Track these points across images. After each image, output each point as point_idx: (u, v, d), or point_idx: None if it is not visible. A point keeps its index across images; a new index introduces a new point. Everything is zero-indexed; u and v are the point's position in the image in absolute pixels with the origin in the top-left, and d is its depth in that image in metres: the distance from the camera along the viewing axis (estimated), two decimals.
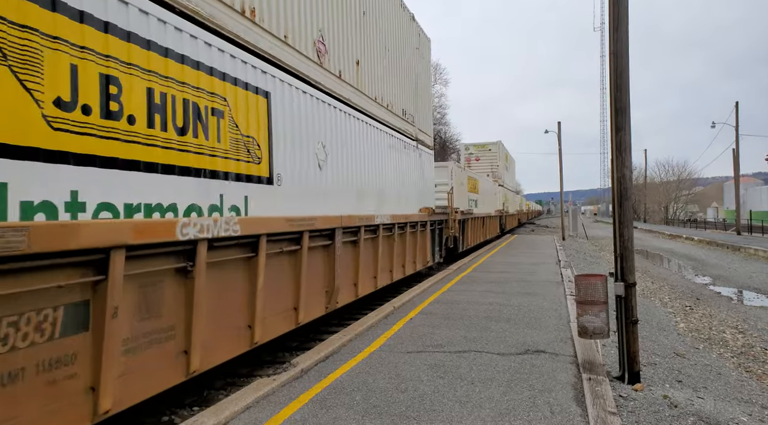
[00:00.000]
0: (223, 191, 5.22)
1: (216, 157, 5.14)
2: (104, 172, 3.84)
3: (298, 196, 6.77)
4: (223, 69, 5.31)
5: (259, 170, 5.90)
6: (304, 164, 7.02)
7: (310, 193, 7.13)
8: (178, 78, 4.67)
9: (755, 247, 25.38)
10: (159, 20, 4.45)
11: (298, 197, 6.79)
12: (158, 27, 4.44)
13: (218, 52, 5.25)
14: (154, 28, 4.38)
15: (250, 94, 5.77)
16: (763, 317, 11.43)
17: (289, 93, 6.68)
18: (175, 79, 4.63)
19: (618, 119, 5.62)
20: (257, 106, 5.91)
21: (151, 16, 4.36)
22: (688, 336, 9.35)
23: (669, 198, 71.57)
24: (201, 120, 4.94)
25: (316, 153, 7.38)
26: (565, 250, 22.42)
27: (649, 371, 6.19)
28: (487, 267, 15.28)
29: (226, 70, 5.37)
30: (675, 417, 4.54)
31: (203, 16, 5.04)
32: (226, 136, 5.32)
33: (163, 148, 4.45)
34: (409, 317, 8.16)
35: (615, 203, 5.73)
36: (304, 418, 4.30)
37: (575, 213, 40.69)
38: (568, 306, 8.90)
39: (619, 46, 5.61)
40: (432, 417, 4.28)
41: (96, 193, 3.78)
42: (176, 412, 5.25)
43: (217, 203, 5.13)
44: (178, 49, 4.66)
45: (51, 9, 3.50)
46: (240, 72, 5.61)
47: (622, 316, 5.54)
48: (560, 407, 4.45)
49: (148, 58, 4.32)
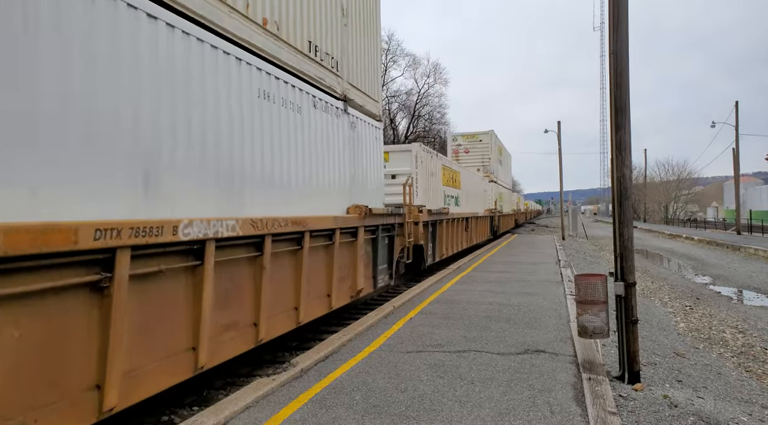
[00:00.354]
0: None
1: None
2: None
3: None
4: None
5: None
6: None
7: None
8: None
9: (755, 247, 25.37)
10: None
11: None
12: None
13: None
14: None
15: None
16: (763, 317, 11.43)
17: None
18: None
19: (618, 118, 5.62)
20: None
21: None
22: (688, 335, 9.35)
23: (669, 198, 71.56)
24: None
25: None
26: (564, 250, 22.42)
27: (649, 371, 6.18)
28: (487, 267, 15.28)
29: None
30: (675, 417, 4.54)
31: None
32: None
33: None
34: (408, 317, 8.16)
35: (615, 203, 5.73)
36: (304, 418, 4.30)
37: (575, 213, 40.70)
38: (567, 306, 8.90)
39: (619, 46, 5.61)
40: (432, 417, 4.27)
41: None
42: (176, 412, 5.25)
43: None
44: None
45: None
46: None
47: (622, 316, 5.53)
48: (560, 407, 4.45)
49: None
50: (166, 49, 4.49)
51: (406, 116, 53.88)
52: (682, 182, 72.94)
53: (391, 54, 50.58)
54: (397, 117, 54.03)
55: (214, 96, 5.15)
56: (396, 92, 52.42)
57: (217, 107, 5.17)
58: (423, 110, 54.10)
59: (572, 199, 60.99)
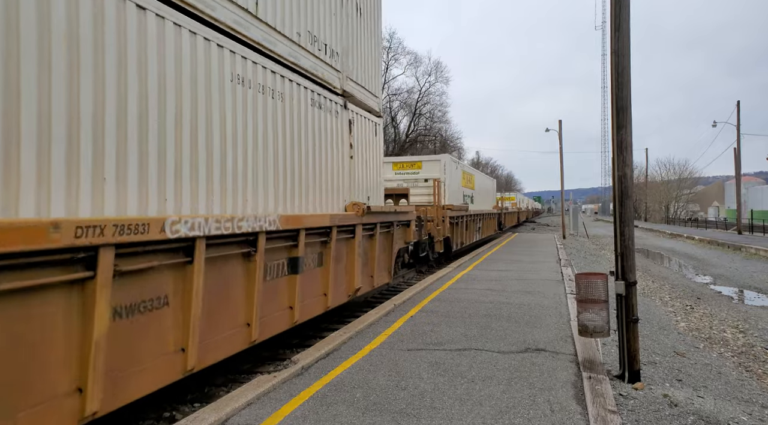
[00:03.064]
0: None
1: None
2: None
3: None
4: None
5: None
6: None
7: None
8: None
9: (756, 246, 25.35)
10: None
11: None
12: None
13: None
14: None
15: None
16: (763, 317, 11.42)
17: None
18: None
19: (619, 118, 5.62)
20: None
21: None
22: (689, 335, 9.35)
23: (670, 197, 71.48)
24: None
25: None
26: (565, 248, 22.42)
27: (649, 370, 6.19)
28: (488, 265, 15.28)
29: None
30: (675, 416, 4.54)
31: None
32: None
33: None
34: (409, 315, 8.17)
35: (616, 202, 5.73)
36: (305, 415, 4.31)
37: (576, 212, 40.65)
38: (568, 305, 8.91)
39: (620, 45, 5.60)
40: (432, 415, 4.29)
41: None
42: (177, 408, 5.27)
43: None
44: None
45: None
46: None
47: (623, 315, 5.54)
48: (560, 405, 4.46)
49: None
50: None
51: (408, 115, 53.85)
52: (684, 182, 72.86)
53: (392, 52, 50.53)
54: (398, 115, 54.00)
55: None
56: (397, 90, 52.41)
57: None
58: (424, 108, 54.08)
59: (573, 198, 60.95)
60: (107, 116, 3.88)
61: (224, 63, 5.28)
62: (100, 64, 3.85)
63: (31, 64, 3.31)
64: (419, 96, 52.93)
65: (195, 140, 4.84)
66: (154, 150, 4.34)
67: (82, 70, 3.71)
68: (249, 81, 5.73)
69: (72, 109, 3.60)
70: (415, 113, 53.20)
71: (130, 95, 4.10)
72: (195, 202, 4.81)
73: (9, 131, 3.18)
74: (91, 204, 3.73)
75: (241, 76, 5.57)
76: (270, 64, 6.15)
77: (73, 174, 3.60)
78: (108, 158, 3.87)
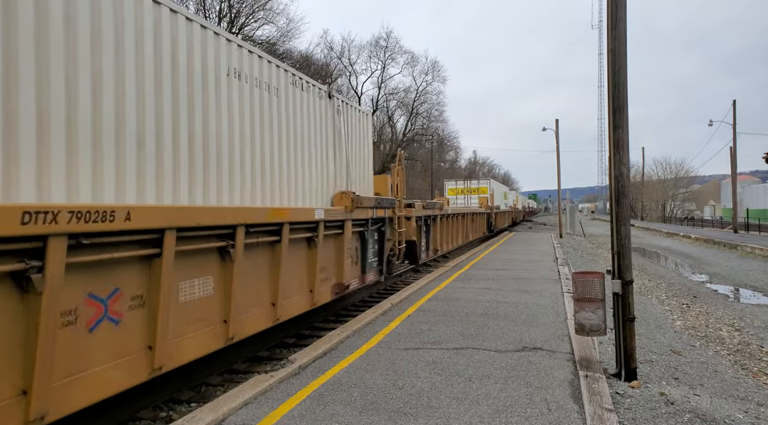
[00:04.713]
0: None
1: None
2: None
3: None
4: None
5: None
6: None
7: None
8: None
9: (752, 245, 25.44)
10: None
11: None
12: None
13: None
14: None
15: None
16: (759, 315, 11.47)
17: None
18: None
19: (616, 117, 5.62)
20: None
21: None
22: (685, 333, 9.38)
23: (666, 196, 71.72)
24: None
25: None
26: (562, 247, 22.46)
27: (645, 368, 6.21)
28: (485, 264, 15.30)
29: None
30: (671, 414, 4.56)
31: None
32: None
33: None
34: (406, 314, 8.17)
35: (612, 201, 5.74)
36: (302, 414, 4.31)
37: (573, 211, 40.71)
38: (565, 304, 8.93)
39: (616, 44, 5.61)
40: (429, 414, 4.29)
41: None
42: (174, 408, 5.26)
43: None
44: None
45: None
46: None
47: (619, 313, 5.55)
48: (557, 404, 4.47)
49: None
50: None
51: (404, 114, 53.84)
52: (680, 181, 73.12)
53: (389, 51, 50.49)
54: (395, 115, 53.96)
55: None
56: (394, 90, 52.38)
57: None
58: (421, 107, 54.09)
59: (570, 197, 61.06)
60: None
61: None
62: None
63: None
64: (416, 95, 52.96)
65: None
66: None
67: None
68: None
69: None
70: (412, 112, 53.20)
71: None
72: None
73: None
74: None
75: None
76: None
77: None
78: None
